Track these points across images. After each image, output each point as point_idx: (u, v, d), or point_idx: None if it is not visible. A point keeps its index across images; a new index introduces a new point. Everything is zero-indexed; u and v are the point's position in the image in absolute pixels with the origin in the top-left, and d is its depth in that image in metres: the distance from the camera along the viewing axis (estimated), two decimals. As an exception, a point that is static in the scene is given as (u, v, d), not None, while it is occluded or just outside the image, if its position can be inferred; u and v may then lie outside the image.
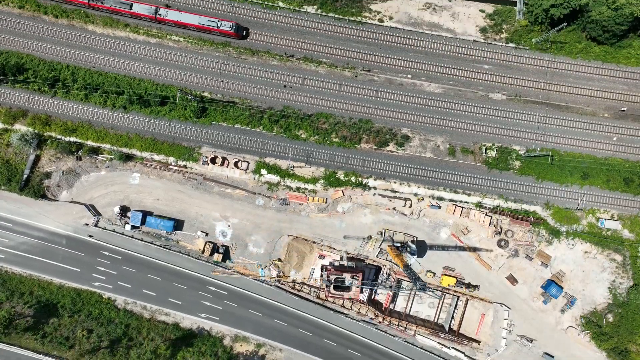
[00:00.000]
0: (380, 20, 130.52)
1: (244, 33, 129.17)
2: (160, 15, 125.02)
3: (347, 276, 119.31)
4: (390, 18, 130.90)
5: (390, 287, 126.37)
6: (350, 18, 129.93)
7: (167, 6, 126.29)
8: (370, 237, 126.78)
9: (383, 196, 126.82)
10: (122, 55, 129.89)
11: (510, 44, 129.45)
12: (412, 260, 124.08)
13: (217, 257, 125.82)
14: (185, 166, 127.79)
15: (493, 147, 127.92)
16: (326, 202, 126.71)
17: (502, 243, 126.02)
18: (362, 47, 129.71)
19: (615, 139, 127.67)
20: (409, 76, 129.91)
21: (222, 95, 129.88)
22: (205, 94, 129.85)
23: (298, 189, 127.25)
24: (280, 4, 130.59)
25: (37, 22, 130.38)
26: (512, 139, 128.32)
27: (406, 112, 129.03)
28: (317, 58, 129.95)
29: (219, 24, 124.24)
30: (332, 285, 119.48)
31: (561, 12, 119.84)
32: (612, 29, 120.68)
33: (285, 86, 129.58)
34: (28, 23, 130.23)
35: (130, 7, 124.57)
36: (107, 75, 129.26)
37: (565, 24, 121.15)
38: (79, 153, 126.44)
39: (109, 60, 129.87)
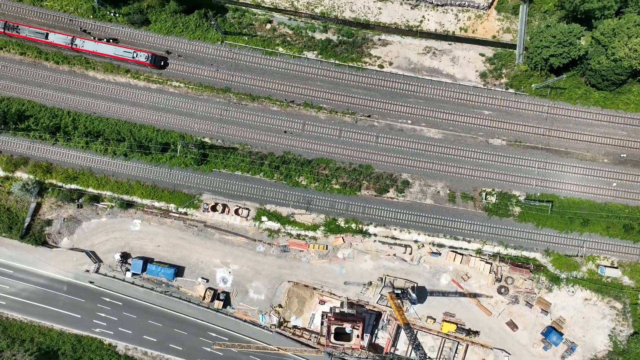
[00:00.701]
0: (380, 66, 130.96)
1: (162, 63, 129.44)
2: (76, 45, 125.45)
3: (347, 326, 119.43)
4: (390, 63, 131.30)
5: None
6: (350, 64, 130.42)
7: (85, 32, 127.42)
8: (370, 283, 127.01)
9: (383, 243, 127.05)
10: (123, 101, 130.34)
11: (510, 90, 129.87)
12: (412, 309, 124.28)
13: (218, 304, 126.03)
14: (186, 213, 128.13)
15: (493, 193, 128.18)
16: (326, 249, 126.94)
17: (502, 290, 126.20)
18: (363, 93, 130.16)
19: (614, 184, 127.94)
20: (409, 122, 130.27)
21: (222, 141, 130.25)
22: (206, 139, 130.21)
23: (299, 236, 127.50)
24: (281, 49, 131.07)
25: (39, 68, 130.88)
26: (512, 184, 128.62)
27: (406, 158, 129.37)
28: (317, 104, 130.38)
29: (134, 55, 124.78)
30: (332, 335, 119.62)
31: (560, 62, 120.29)
32: (611, 78, 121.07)
33: (285, 132, 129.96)
34: (29, 69, 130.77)
35: (46, 37, 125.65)
36: (108, 121, 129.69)
37: (564, 75, 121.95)
38: (80, 201, 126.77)
39: (110, 106, 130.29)
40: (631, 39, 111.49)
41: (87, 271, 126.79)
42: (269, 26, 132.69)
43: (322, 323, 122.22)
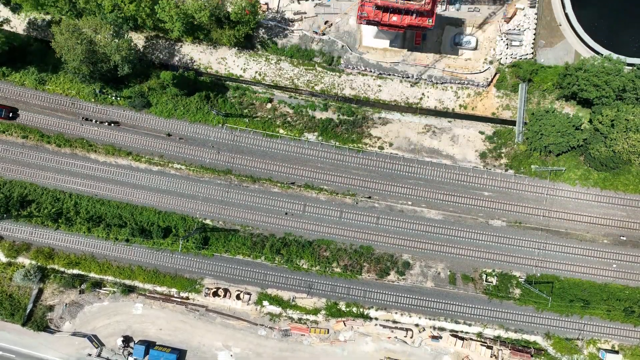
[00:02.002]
0: (381, 148, 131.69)
1: (10, 115, 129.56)
2: None
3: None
4: (391, 144, 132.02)
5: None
6: (351, 146, 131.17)
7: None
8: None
9: (384, 327, 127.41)
10: (125, 184, 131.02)
11: (510, 171, 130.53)
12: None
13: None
14: (187, 298, 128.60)
15: (493, 274, 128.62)
16: (328, 332, 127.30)
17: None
18: (363, 175, 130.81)
19: (614, 265, 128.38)
20: (410, 203, 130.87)
21: (224, 223, 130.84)
22: (207, 221, 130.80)
23: (300, 319, 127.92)
24: (281, 131, 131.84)
25: (41, 151, 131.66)
26: (513, 265, 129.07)
27: (407, 239, 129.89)
28: (318, 185, 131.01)
29: None
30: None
31: (560, 150, 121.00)
32: (609, 165, 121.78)
33: (286, 213, 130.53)
34: (31, 152, 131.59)
35: None
36: (109, 203, 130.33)
37: (564, 168, 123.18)
38: (82, 287, 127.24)
39: (112, 189, 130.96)
40: (630, 134, 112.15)
41: (90, 355, 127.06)
42: (269, 105, 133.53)
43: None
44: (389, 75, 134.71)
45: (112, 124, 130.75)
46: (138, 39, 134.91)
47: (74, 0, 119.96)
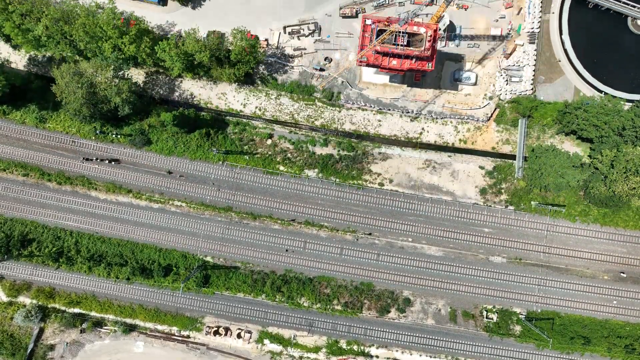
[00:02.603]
0: (381, 184, 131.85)
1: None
2: None
3: None
4: (391, 181, 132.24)
5: None
6: (351, 182, 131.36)
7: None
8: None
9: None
10: (125, 221, 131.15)
11: (510, 207, 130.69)
12: None
13: None
14: (188, 336, 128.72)
15: (494, 310, 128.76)
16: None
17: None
18: (363, 211, 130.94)
19: (615, 302, 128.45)
20: (410, 239, 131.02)
21: (224, 260, 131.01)
22: (208, 258, 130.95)
23: (301, 358, 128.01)
24: (282, 168, 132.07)
25: (41, 189, 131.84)
26: (513, 301, 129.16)
27: (407, 275, 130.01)
28: (318, 222, 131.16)
29: None
30: None
31: (560, 189, 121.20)
32: (609, 203, 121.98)
33: (287, 250, 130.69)
34: (32, 190, 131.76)
35: None
36: (110, 241, 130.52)
37: (563, 209, 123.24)
38: (83, 326, 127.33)
39: (112, 226, 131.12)
40: (630, 176, 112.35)
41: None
42: (269, 141, 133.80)
43: None
44: (389, 110, 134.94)
45: (113, 162, 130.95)
46: (138, 75, 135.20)
47: (75, 43, 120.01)
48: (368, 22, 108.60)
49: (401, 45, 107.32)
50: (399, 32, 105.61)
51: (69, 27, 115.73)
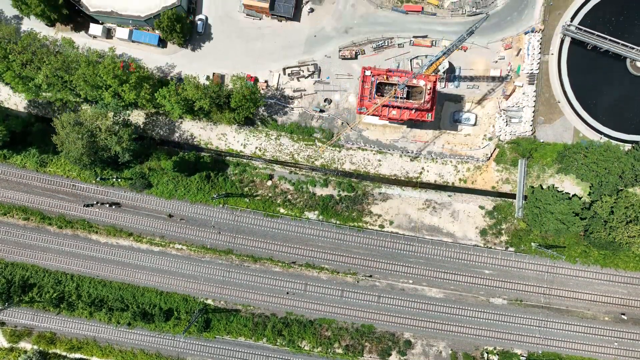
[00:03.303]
0: (381, 226, 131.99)
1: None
2: None
3: None
4: (391, 222, 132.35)
5: None
6: (351, 225, 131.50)
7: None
8: None
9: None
10: (126, 264, 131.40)
11: (510, 249, 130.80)
12: None
13: None
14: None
15: (495, 352, 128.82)
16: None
17: None
18: (364, 253, 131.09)
19: (616, 344, 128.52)
20: (411, 281, 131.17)
21: (225, 303, 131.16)
22: (209, 301, 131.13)
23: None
24: (282, 210, 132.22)
25: (42, 233, 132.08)
26: (514, 342, 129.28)
27: (408, 317, 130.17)
28: (319, 264, 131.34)
29: None
30: None
31: (560, 235, 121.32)
32: (609, 248, 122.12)
33: (288, 293, 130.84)
34: (33, 234, 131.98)
35: None
36: (111, 284, 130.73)
37: (563, 257, 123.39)
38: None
39: (113, 269, 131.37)
40: (630, 225, 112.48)
41: None
42: (269, 183, 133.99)
43: None
44: (389, 150, 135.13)
45: (113, 205, 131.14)
46: (138, 116, 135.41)
47: (77, 92, 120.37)
48: (367, 73, 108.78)
49: (401, 98, 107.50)
50: (399, 84, 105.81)
51: (69, 76, 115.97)
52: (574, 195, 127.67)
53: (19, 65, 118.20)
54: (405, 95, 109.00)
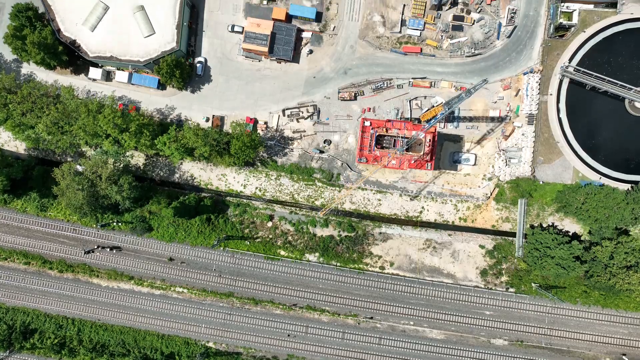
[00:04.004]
0: (382, 268, 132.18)
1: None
2: None
3: None
4: (391, 264, 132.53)
5: None
6: (352, 267, 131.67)
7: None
8: None
9: None
10: (127, 307, 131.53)
11: (511, 290, 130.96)
12: None
13: None
14: None
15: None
16: None
17: None
18: (365, 295, 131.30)
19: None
20: (412, 323, 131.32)
21: (226, 345, 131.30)
22: (210, 344, 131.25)
23: None
24: (282, 253, 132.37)
25: (43, 277, 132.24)
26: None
27: (410, 359, 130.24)
28: (320, 306, 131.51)
29: None
30: None
31: (560, 279, 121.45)
32: (608, 290, 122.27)
33: (289, 335, 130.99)
34: (34, 278, 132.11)
35: None
36: (112, 329, 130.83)
37: (565, 288, 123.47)
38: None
39: (114, 313, 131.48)
40: (630, 273, 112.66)
41: None
42: (270, 224, 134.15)
43: None
44: (389, 190, 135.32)
45: (114, 249, 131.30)
46: (138, 157, 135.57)
47: (76, 147, 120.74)
48: (367, 124, 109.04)
49: (400, 150, 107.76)
50: (398, 136, 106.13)
51: (69, 126, 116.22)
52: (574, 234, 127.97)
53: (19, 114, 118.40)
54: (405, 147, 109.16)
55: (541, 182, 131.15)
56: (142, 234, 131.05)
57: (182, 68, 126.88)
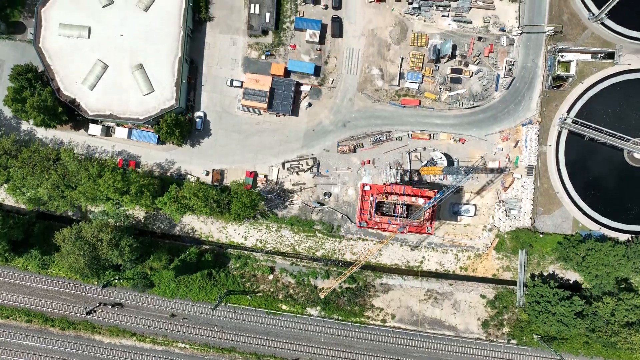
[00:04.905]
0: (383, 321, 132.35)
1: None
2: None
3: None
4: (393, 317, 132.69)
5: None
6: (353, 320, 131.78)
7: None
8: None
9: None
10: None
11: (512, 341, 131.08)
12: None
13: None
14: None
15: None
16: None
17: None
18: (366, 349, 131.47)
19: None
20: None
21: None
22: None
23: None
24: (284, 307, 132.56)
25: (45, 334, 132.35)
26: None
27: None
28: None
29: None
30: None
31: (561, 334, 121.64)
32: (610, 346, 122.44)
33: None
34: (36, 337, 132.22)
35: None
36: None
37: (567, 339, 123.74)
38: None
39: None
40: (632, 332, 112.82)
41: None
42: (271, 277, 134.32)
43: None
44: (389, 241, 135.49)
45: (116, 306, 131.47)
46: (139, 211, 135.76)
47: (78, 205, 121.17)
48: (367, 188, 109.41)
49: (400, 216, 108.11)
50: (398, 202, 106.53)
51: (70, 191, 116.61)
52: (575, 282, 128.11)
53: (19, 178, 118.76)
54: (405, 213, 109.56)
55: (541, 235, 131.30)
56: (143, 290, 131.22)
57: (182, 127, 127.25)
